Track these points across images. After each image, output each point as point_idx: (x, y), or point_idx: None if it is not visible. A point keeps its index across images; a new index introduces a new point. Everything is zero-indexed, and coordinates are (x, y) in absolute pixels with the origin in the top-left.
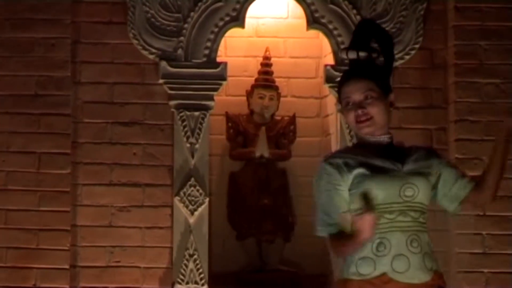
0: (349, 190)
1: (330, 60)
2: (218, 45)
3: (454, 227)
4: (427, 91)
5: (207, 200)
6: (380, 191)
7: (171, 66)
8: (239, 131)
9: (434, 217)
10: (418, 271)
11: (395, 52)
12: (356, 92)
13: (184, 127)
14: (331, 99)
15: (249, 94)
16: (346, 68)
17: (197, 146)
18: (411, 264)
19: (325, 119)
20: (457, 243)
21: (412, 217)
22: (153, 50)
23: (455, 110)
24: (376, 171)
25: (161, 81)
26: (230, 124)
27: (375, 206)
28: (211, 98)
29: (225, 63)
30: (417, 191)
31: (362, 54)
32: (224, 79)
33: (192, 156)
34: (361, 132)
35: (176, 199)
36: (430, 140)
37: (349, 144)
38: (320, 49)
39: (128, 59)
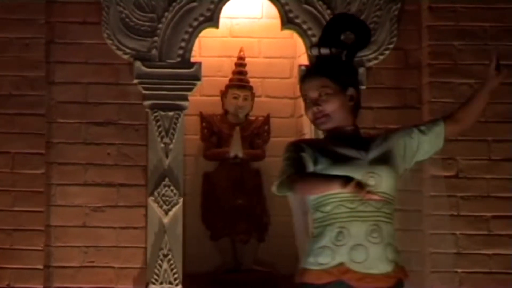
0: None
1: (304, 60)
2: (192, 45)
3: (428, 227)
4: (401, 91)
5: (181, 200)
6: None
7: (146, 66)
8: (213, 131)
9: (408, 217)
10: (377, 262)
11: (369, 52)
12: (311, 89)
13: (159, 127)
14: None
15: (223, 94)
16: None
17: (171, 146)
18: (370, 255)
19: (299, 119)
20: (431, 243)
21: (374, 207)
22: (128, 50)
23: (430, 110)
24: (339, 159)
25: (135, 81)
26: (204, 124)
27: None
28: (185, 98)
29: (199, 63)
30: (380, 181)
31: (324, 50)
32: (198, 79)
33: (166, 156)
34: (320, 128)
35: (150, 199)
36: None
37: None
38: (294, 49)
39: (102, 59)
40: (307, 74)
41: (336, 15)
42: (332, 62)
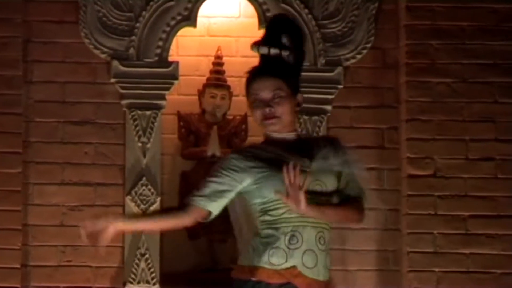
0: (256, 183)
1: None
2: (170, 44)
3: (405, 227)
4: (378, 91)
5: (158, 199)
6: (284, 186)
7: (123, 65)
8: (191, 130)
9: (385, 216)
10: (322, 268)
11: (347, 51)
12: (265, 90)
13: (136, 126)
14: None
15: (201, 93)
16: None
17: (148, 145)
18: (318, 261)
19: None
20: (408, 243)
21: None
22: (105, 49)
23: (407, 109)
24: (278, 167)
25: (112, 80)
26: (182, 123)
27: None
28: (163, 97)
29: (177, 63)
30: (325, 188)
31: (273, 50)
32: (176, 78)
33: (144, 156)
34: (267, 129)
35: (128, 199)
36: (382, 139)
37: None
38: None
39: (79, 58)
40: (260, 74)
41: (278, 15)
42: (286, 65)
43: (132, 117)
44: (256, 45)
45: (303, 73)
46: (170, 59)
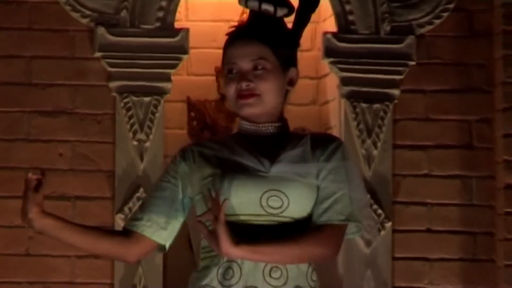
0: (199, 193)
1: (331, 25)
2: (176, 5)
3: (502, 257)
4: (464, 69)
5: None
6: (232, 198)
7: (112, 34)
8: (206, 123)
9: (474, 243)
10: None
11: (421, 14)
12: (243, 58)
13: (130, 118)
14: (332, 80)
15: (219, 72)
16: (351, 35)
17: (147, 144)
18: None
19: (324, 107)
20: (506, 278)
21: (277, 237)
22: (87, 12)
23: (504, 94)
24: (234, 171)
25: (97, 54)
26: (193, 113)
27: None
28: (167, 78)
29: (187, 30)
30: (287, 202)
31: (266, 6)
32: (185, 52)
33: (141, 158)
34: (241, 112)
35: (119, 218)
36: (469, 135)
37: (357, 142)
38: (317, 11)
39: (52, 24)
40: (239, 36)
41: None
42: (277, 27)
43: (124, 105)
44: None
45: (356, 45)
46: (176, 25)
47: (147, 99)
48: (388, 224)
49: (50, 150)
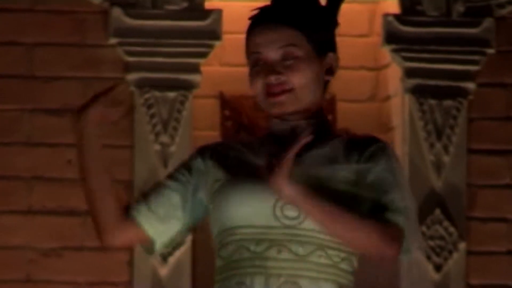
0: (212, 200)
1: (393, 6)
2: None
3: None
4: None
5: (189, 238)
6: (242, 206)
7: (130, 16)
8: (242, 123)
9: None
10: None
11: None
12: (270, 47)
13: (152, 117)
14: (394, 71)
15: None
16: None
17: (172, 148)
18: None
19: (384, 104)
20: None
21: (295, 254)
22: None
23: None
24: (247, 175)
25: (112, 40)
26: (227, 112)
27: None
28: (195, 70)
29: (219, 11)
30: (302, 215)
31: None
32: (218, 37)
33: (165, 166)
34: (272, 111)
35: None
36: None
37: (424, 146)
38: None
39: (58, 5)
40: (263, 19)
41: None
42: (308, 6)
43: (145, 102)
44: None
45: (423, 30)
46: (207, 5)
47: (172, 94)
48: (462, 245)
49: (56, 156)
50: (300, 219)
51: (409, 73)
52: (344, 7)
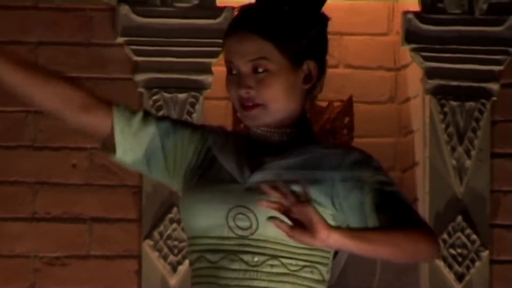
0: (185, 195)
1: (413, 4)
2: None
3: None
4: None
5: None
6: (199, 217)
7: (138, 14)
8: None
9: None
10: None
11: None
12: (240, 59)
13: None
14: (414, 71)
15: None
16: (438, 15)
17: None
18: None
19: (404, 105)
20: None
21: (246, 264)
22: None
23: None
24: (208, 180)
25: (120, 39)
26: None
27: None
28: (207, 70)
29: (232, 9)
30: (256, 221)
31: None
32: None
33: None
34: (246, 123)
35: (147, 245)
36: None
37: (446, 150)
38: None
39: (63, 2)
40: (236, 27)
41: None
42: (282, 14)
43: (154, 103)
44: None
45: (445, 28)
46: (219, 3)
47: (182, 95)
48: (485, 253)
49: (61, 160)
50: (252, 229)
51: (429, 73)
52: (362, 5)
